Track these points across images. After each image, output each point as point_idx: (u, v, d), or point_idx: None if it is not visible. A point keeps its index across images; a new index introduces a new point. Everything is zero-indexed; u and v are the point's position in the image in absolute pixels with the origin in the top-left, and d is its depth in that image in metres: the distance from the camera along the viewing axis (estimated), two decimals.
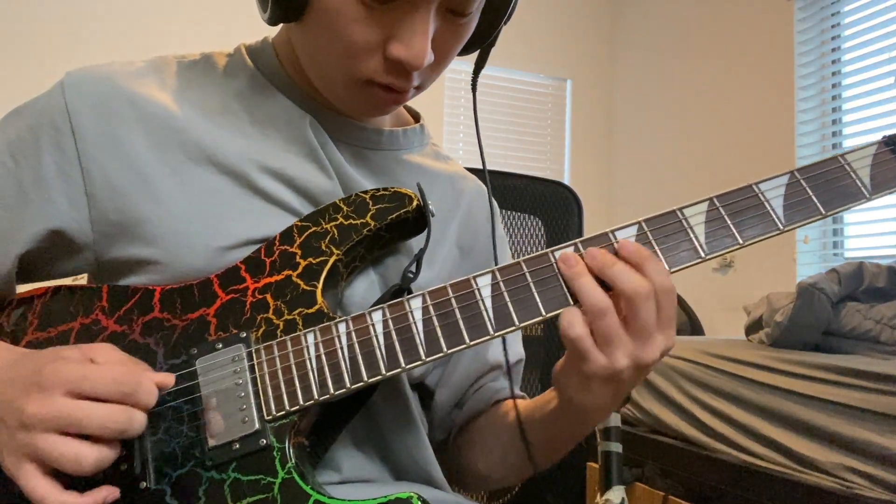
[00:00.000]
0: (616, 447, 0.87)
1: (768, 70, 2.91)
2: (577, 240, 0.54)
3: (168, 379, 0.50)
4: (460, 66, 0.71)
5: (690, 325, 2.93)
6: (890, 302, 1.72)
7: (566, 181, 3.38)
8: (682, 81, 3.41)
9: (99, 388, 0.45)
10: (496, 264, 0.55)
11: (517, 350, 0.77)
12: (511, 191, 1.06)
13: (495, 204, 0.77)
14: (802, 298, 1.73)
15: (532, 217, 1.06)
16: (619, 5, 3.91)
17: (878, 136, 0.56)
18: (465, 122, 3.56)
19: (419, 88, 0.61)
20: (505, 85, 3.66)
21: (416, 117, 0.76)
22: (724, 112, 3.14)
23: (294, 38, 0.62)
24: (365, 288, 0.63)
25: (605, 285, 0.51)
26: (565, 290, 0.52)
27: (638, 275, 0.50)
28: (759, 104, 2.95)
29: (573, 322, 0.51)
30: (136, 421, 0.47)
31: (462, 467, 0.74)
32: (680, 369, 1.91)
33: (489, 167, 0.72)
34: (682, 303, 2.95)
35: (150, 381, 0.48)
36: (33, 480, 0.45)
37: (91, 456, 0.45)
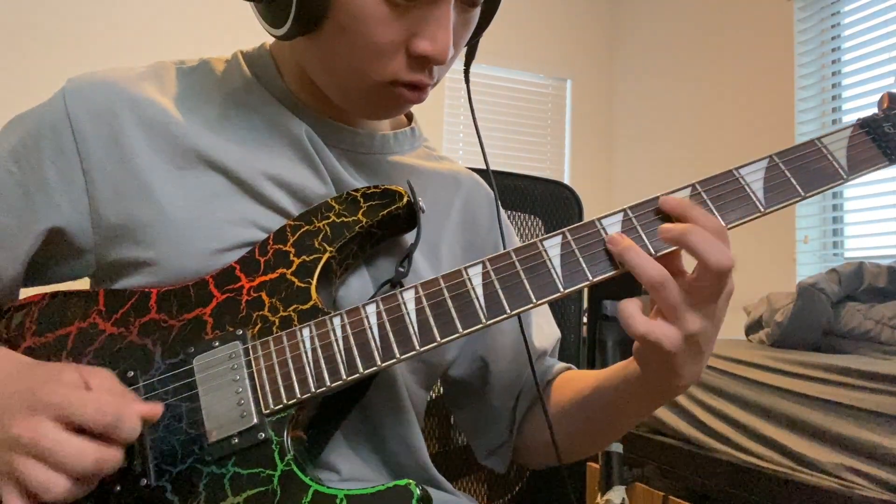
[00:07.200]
0: (616, 447, 0.87)
1: (768, 70, 2.91)
2: (563, 229, 0.55)
3: (155, 409, 0.48)
4: (460, 66, 0.72)
5: None
6: (890, 302, 1.72)
7: (566, 181, 3.37)
8: (682, 82, 3.42)
9: (82, 416, 0.44)
10: (502, 249, 0.56)
11: (553, 330, 0.78)
12: (511, 191, 1.06)
13: (496, 193, 0.77)
14: (802, 298, 1.74)
15: (532, 217, 1.06)
16: (619, 5, 3.91)
17: None
18: (464, 122, 3.56)
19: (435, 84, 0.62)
20: (505, 85, 3.65)
21: (410, 118, 0.76)
22: (724, 112, 3.14)
23: (301, 50, 0.61)
24: (359, 287, 0.63)
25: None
26: (556, 277, 0.53)
27: (720, 246, 0.49)
28: (758, 104, 2.95)
29: (632, 315, 0.51)
30: (108, 462, 0.45)
31: (531, 449, 0.75)
32: None
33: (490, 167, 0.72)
34: None
35: (135, 415, 0.46)
36: (11, 500, 0.45)
37: (59, 487, 0.44)
